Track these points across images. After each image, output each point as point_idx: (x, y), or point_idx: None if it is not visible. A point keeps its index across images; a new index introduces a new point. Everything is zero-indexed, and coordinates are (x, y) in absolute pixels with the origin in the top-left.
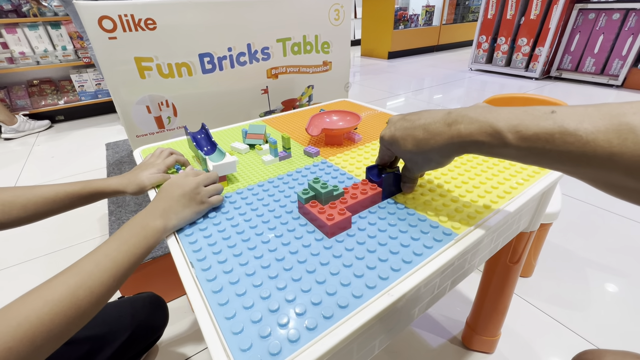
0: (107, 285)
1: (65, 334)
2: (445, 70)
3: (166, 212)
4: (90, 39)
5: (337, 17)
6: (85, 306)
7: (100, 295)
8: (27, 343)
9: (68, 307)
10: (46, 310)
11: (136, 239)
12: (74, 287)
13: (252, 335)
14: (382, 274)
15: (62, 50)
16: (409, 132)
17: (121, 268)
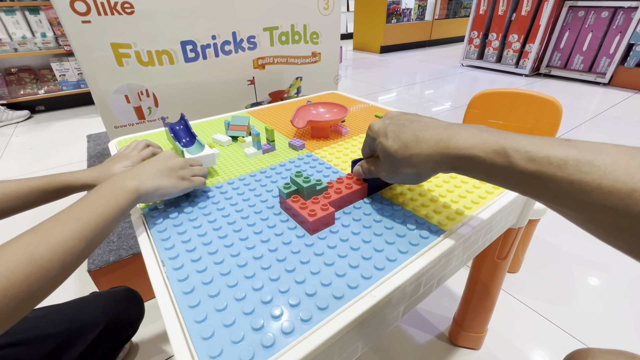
0: (70, 243)
1: (27, 296)
2: (437, 66)
3: (140, 175)
4: (62, 22)
5: (326, 6)
6: (46, 264)
7: (64, 253)
8: None
9: (25, 263)
10: (4, 271)
11: (104, 199)
12: (32, 243)
13: (223, 340)
14: (365, 273)
15: (42, 37)
16: (402, 129)
17: (87, 227)
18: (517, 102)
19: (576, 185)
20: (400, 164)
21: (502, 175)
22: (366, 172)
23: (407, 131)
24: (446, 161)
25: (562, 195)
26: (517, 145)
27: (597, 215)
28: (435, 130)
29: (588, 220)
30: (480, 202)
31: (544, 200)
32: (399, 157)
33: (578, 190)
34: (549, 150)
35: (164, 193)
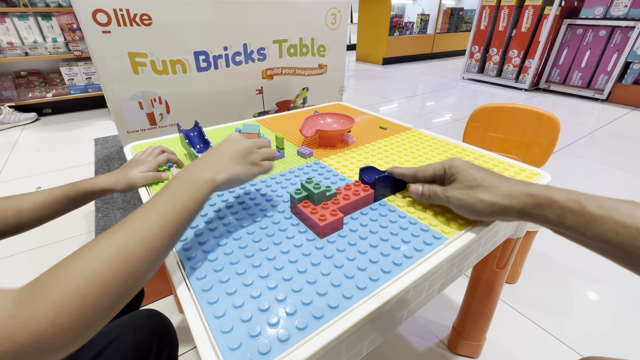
0: (157, 240)
1: (120, 295)
2: (438, 78)
3: (215, 165)
4: (84, 32)
5: (333, 21)
6: (137, 263)
7: (151, 251)
8: (79, 302)
9: (119, 264)
10: (94, 264)
11: (184, 192)
12: (122, 242)
13: (242, 334)
14: (372, 276)
15: (53, 42)
16: (488, 171)
17: (170, 222)
18: (517, 117)
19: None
20: (480, 189)
21: (573, 217)
22: (431, 193)
23: (493, 172)
24: (522, 198)
25: (631, 240)
26: (587, 195)
27: None
28: (515, 179)
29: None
30: None
31: (614, 247)
32: (483, 185)
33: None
34: (616, 202)
35: (237, 182)
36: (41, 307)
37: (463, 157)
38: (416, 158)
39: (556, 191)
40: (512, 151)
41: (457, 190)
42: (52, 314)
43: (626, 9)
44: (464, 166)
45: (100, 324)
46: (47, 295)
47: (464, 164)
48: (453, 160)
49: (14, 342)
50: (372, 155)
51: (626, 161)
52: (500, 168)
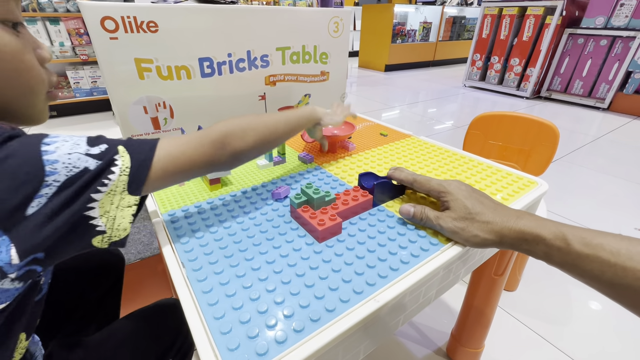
0: (282, 129)
1: (265, 143)
2: (439, 86)
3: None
4: (92, 38)
5: (336, 29)
6: (269, 127)
7: (280, 132)
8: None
9: (269, 130)
10: (260, 130)
11: (296, 110)
12: (271, 122)
13: (240, 335)
14: (369, 280)
15: (60, 47)
16: (483, 200)
17: (284, 120)
18: (517, 125)
19: (629, 272)
20: (475, 225)
21: (560, 255)
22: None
23: (487, 203)
24: (511, 235)
25: (617, 280)
26: (574, 231)
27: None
28: (508, 210)
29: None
30: None
31: (601, 285)
32: (477, 220)
33: (632, 276)
34: (602, 239)
35: (327, 122)
36: (233, 141)
37: (462, 165)
38: (415, 165)
39: (544, 227)
40: (512, 159)
41: (450, 221)
42: (241, 142)
43: (627, 19)
44: (459, 195)
45: (259, 149)
46: (234, 134)
47: (461, 193)
48: (450, 185)
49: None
50: (371, 162)
51: (627, 170)
52: (498, 176)
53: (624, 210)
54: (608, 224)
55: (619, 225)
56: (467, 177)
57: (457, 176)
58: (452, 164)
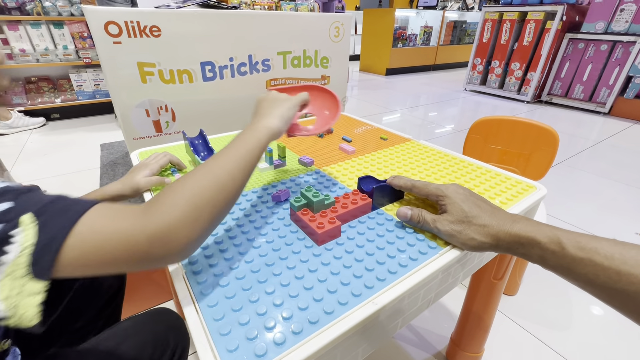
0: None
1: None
2: (440, 90)
3: (264, 115)
4: (96, 42)
5: (337, 34)
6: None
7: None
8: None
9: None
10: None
11: (246, 136)
12: (213, 172)
13: (239, 336)
14: (367, 283)
15: (63, 50)
16: (481, 204)
17: (244, 158)
18: (516, 130)
19: (623, 276)
20: (471, 228)
21: (555, 259)
22: (420, 220)
23: (484, 207)
24: (507, 239)
25: (611, 284)
26: (569, 235)
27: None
28: (505, 214)
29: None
30: None
31: (595, 289)
32: (474, 223)
33: (625, 280)
34: (597, 243)
35: (287, 117)
36: (160, 207)
37: (461, 169)
38: (415, 169)
39: (540, 230)
40: (512, 163)
41: (447, 224)
42: (168, 210)
43: (627, 24)
44: (456, 199)
45: (205, 228)
46: (162, 201)
47: (458, 197)
48: (448, 189)
49: (146, 233)
50: (371, 165)
51: (628, 174)
52: (497, 180)
53: (625, 214)
54: (608, 228)
55: (619, 229)
56: (466, 181)
57: (456, 180)
58: (451, 167)
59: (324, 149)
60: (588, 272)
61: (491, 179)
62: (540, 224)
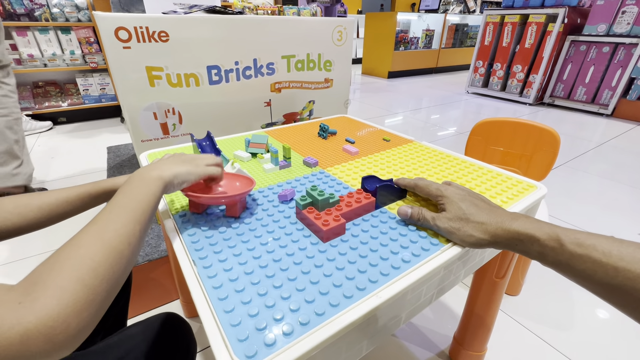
0: (129, 227)
1: (112, 278)
2: (442, 92)
3: (160, 166)
4: (105, 47)
5: (340, 37)
6: (119, 246)
7: (128, 236)
8: (80, 286)
9: (103, 249)
10: (86, 254)
11: (137, 189)
12: (100, 232)
13: (249, 327)
14: (371, 278)
15: (70, 55)
16: (479, 202)
17: (136, 211)
18: (518, 131)
19: (620, 272)
20: (469, 225)
21: (553, 255)
22: (420, 217)
23: (483, 205)
24: (505, 236)
25: (608, 279)
26: (567, 232)
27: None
28: (503, 212)
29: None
30: None
31: (593, 284)
32: (471, 220)
33: (622, 276)
34: (595, 240)
35: (182, 180)
36: (44, 291)
37: (463, 169)
38: (417, 169)
39: (539, 228)
40: (514, 164)
41: (446, 222)
42: (55, 294)
43: (629, 26)
44: (455, 198)
45: (101, 308)
46: (46, 282)
47: (456, 196)
48: (447, 190)
49: (21, 327)
50: (374, 166)
51: (631, 176)
52: (498, 180)
53: (627, 215)
54: (611, 229)
55: (621, 230)
56: (467, 180)
57: (457, 180)
58: (452, 168)
59: (328, 150)
60: (586, 268)
61: (492, 179)
62: (539, 221)
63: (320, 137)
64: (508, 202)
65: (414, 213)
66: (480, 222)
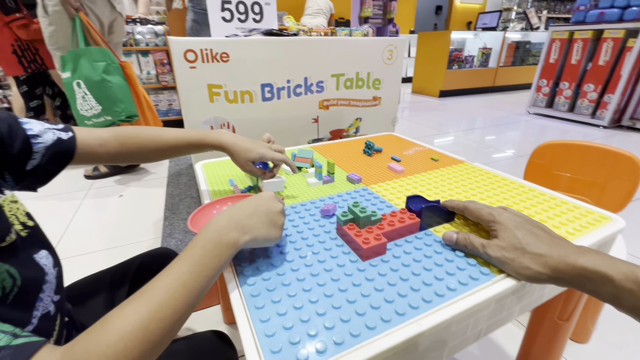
0: (179, 314)
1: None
2: (499, 112)
3: (242, 226)
4: (175, 67)
5: (390, 57)
6: (157, 339)
7: (172, 325)
8: None
9: (140, 341)
10: (121, 346)
11: (209, 258)
12: (146, 318)
13: (283, 339)
14: (412, 303)
15: (147, 74)
16: (537, 231)
17: (193, 293)
18: (589, 156)
19: None
20: (526, 256)
21: (632, 299)
22: (467, 244)
23: (543, 235)
24: (570, 272)
25: None
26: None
27: None
28: (568, 244)
29: None
30: None
31: None
32: (528, 251)
33: None
34: None
35: (255, 244)
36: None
37: (520, 194)
38: (468, 192)
39: (613, 266)
40: (583, 192)
41: (499, 250)
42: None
43: None
44: (509, 224)
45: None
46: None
47: (511, 222)
48: (501, 215)
49: None
50: (420, 185)
51: None
52: (563, 208)
53: None
54: None
55: None
56: (525, 207)
57: (514, 206)
58: (509, 192)
59: (372, 168)
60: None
61: (556, 207)
62: (613, 258)
63: (366, 154)
64: (575, 234)
65: (460, 238)
66: (539, 254)
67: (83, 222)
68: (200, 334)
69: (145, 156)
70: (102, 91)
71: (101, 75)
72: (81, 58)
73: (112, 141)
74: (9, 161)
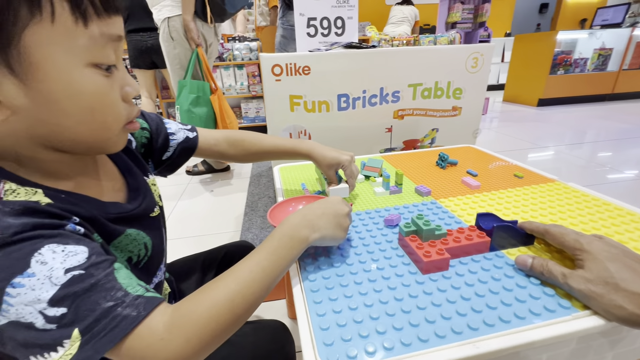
0: (257, 294)
1: (224, 337)
2: (620, 124)
3: (313, 225)
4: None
5: (474, 64)
6: (239, 312)
7: (251, 302)
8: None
9: (226, 311)
10: (213, 312)
11: (284, 250)
12: (233, 293)
13: (336, 335)
14: (471, 324)
15: (240, 85)
16: (630, 260)
17: (269, 278)
18: None
19: None
20: (619, 294)
21: None
22: (544, 271)
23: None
24: None
25: None
26: None
27: None
28: None
29: None
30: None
31: None
32: (622, 287)
33: None
34: None
35: (324, 243)
36: (175, 339)
37: (628, 223)
38: (555, 215)
39: None
40: None
41: (583, 283)
42: (180, 345)
43: None
44: (600, 255)
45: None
46: (180, 332)
47: (603, 253)
48: (591, 243)
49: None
50: (496, 203)
51: None
52: None
53: None
54: None
55: None
56: (632, 239)
57: (615, 237)
58: (610, 220)
59: (444, 181)
60: None
61: None
62: None
63: (438, 166)
64: None
65: (536, 264)
66: (636, 293)
67: (180, 210)
68: (265, 321)
69: (246, 158)
70: (187, 119)
71: (188, 107)
72: (184, 88)
73: (223, 142)
74: (153, 152)
